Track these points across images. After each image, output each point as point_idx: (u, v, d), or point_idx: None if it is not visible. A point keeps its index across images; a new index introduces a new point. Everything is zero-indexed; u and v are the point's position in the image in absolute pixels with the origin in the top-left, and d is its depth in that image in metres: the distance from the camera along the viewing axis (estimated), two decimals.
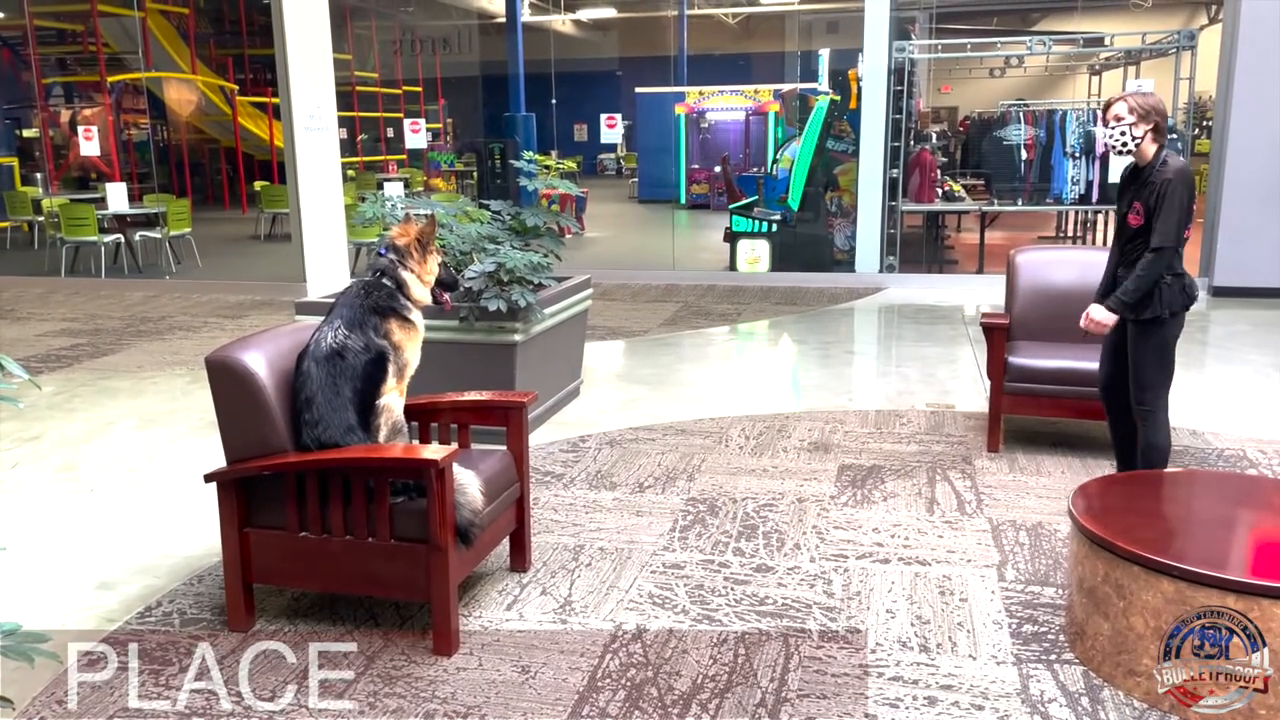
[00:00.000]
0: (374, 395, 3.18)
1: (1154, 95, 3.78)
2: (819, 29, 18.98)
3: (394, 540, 3.01)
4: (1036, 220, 13.09)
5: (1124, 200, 3.83)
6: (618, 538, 3.90)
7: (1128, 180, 3.84)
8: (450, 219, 5.44)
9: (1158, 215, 3.61)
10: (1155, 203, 3.62)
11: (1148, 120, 3.65)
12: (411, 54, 19.52)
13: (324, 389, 3.09)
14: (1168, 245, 3.60)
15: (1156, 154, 3.69)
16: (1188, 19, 16.15)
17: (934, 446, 4.92)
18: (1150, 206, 3.64)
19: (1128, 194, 3.81)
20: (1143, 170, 3.73)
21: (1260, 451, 4.75)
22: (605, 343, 7.56)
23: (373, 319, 3.21)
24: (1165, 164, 3.66)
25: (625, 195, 19.66)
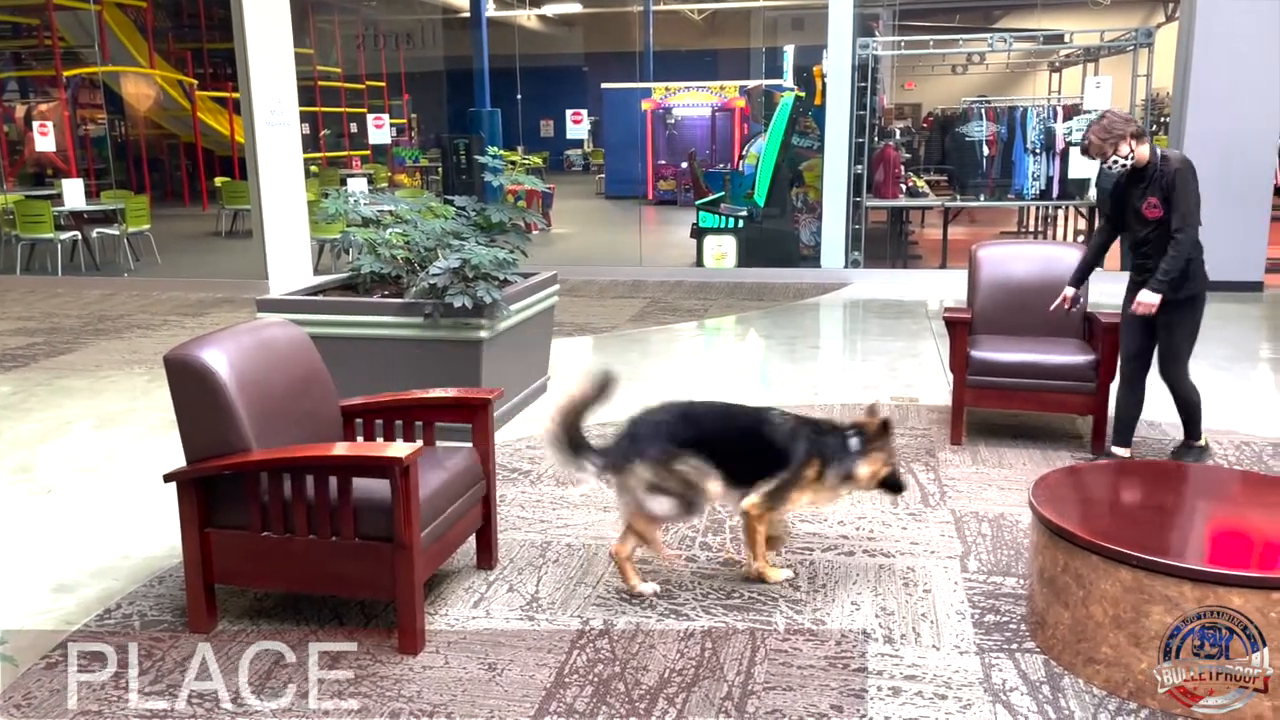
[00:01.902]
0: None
1: (1104, 117, 4.22)
2: (784, 25, 19.07)
3: (358, 539, 2.99)
4: (999, 215, 13.24)
5: (1133, 196, 4.26)
6: (585, 534, 3.90)
7: (1130, 180, 4.26)
8: (414, 215, 5.41)
9: (1175, 202, 4.08)
10: (1172, 192, 4.08)
11: (1119, 140, 4.13)
12: (375, 48, 19.35)
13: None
14: (1190, 226, 4.10)
15: (1151, 152, 4.17)
16: (1145, 17, 16.41)
17: (898, 440, 4.95)
18: (1166, 197, 4.11)
19: (1135, 192, 4.24)
20: (1145, 169, 4.18)
21: (1216, 443, 4.83)
22: (573, 339, 7.55)
23: (805, 445, 3.34)
24: (1167, 159, 4.16)
25: (592, 191, 19.63)
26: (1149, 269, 4.27)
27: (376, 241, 5.32)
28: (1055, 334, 4.88)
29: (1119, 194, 4.40)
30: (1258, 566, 2.79)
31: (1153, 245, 4.25)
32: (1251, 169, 8.56)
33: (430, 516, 3.08)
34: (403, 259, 5.35)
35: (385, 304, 5.07)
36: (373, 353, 4.95)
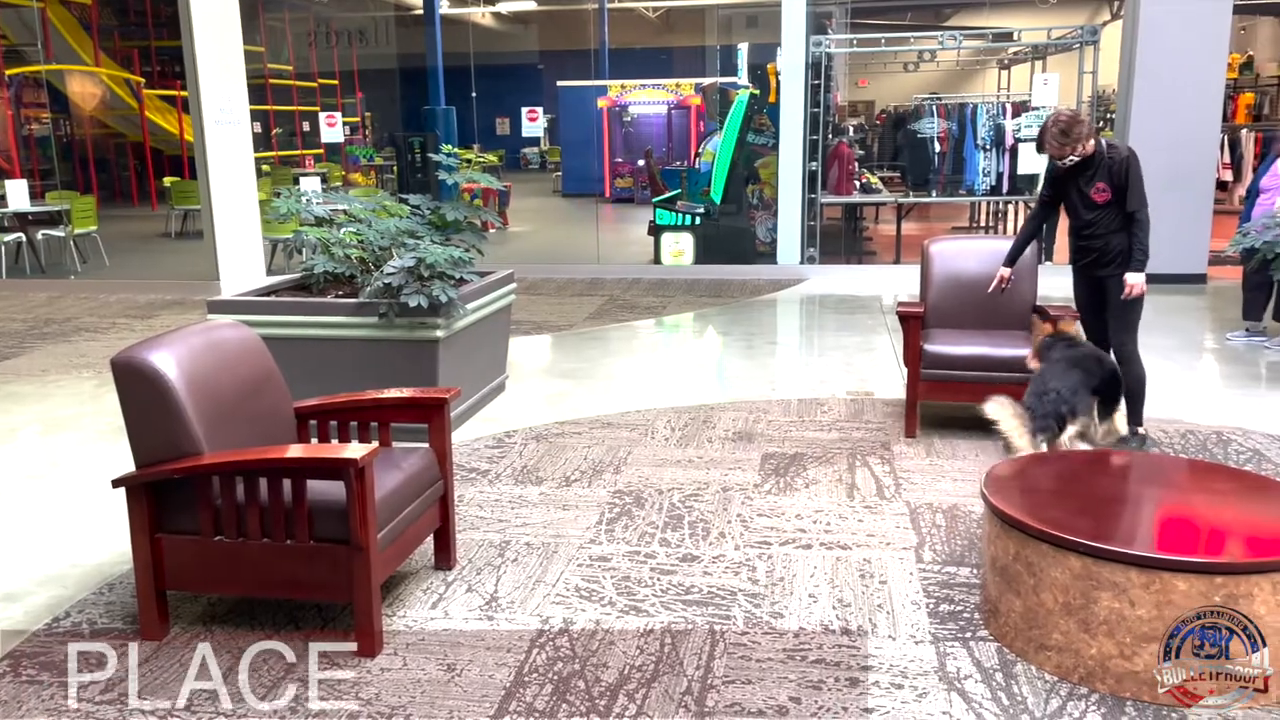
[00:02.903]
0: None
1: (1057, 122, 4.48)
2: (739, 23, 19.14)
3: (313, 542, 2.96)
4: (950, 211, 13.41)
5: (1076, 184, 4.56)
6: (544, 532, 3.89)
7: (1076, 169, 4.54)
8: (368, 214, 5.36)
9: (1129, 188, 4.42)
10: (1122, 180, 4.43)
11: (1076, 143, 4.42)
12: (327, 46, 19.12)
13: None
14: (1143, 207, 4.46)
15: (1097, 145, 4.48)
16: (1091, 15, 16.69)
17: (854, 433, 5.02)
18: (1116, 183, 4.45)
19: (1081, 178, 4.54)
20: (1092, 158, 4.48)
21: (1162, 432, 4.95)
22: (531, 337, 7.53)
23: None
24: (1115, 148, 4.51)
25: (549, 189, 19.58)
26: (1094, 249, 4.60)
27: (330, 241, 5.27)
28: (1006, 327, 4.96)
29: (1058, 180, 4.67)
30: (1202, 553, 2.86)
31: (1099, 227, 4.55)
32: (1194, 163, 8.76)
33: (387, 518, 3.06)
34: (357, 258, 5.30)
35: (339, 304, 5.02)
36: (327, 353, 4.90)
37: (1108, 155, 4.48)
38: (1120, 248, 4.53)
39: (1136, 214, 4.46)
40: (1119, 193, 4.47)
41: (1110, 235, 4.55)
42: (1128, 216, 4.48)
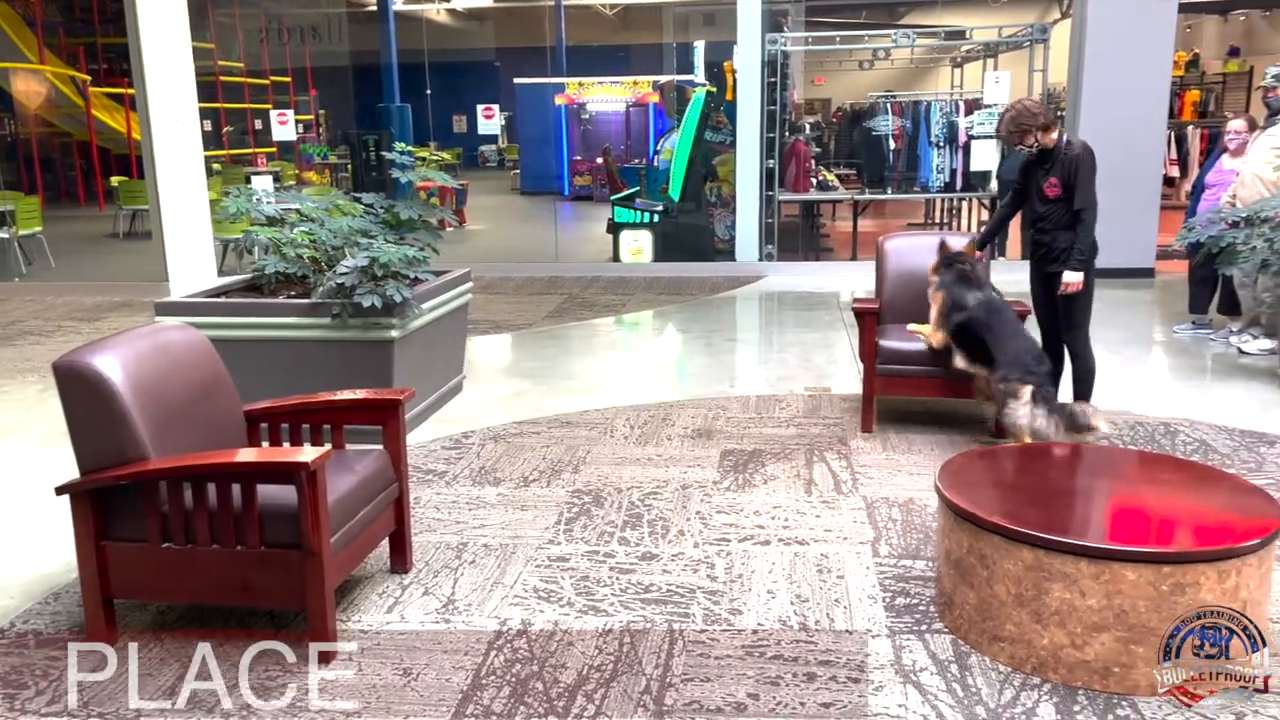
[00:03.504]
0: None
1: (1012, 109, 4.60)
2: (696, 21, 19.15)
3: (265, 547, 2.91)
4: (906, 208, 13.55)
5: (1036, 175, 4.65)
6: (502, 533, 3.86)
7: (1036, 161, 4.65)
8: (321, 213, 5.29)
9: (1076, 186, 4.48)
10: (1071, 176, 4.49)
11: (1025, 132, 4.53)
12: (279, 43, 18.85)
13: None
14: (1089, 206, 4.53)
15: (1059, 139, 4.56)
16: (1042, 14, 16.94)
17: (812, 429, 5.04)
18: (1066, 180, 4.51)
19: (1039, 171, 4.63)
20: (1051, 152, 4.56)
21: (1112, 423, 5.02)
22: (489, 337, 7.48)
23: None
24: (1070, 144, 4.57)
25: (507, 187, 19.47)
26: (1043, 244, 4.72)
27: (281, 241, 5.19)
28: None
29: (1027, 171, 4.78)
30: (1150, 543, 2.91)
31: (1049, 222, 4.65)
32: (1142, 160, 8.92)
33: (340, 521, 3.02)
34: (309, 258, 5.23)
35: (291, 305, 4.94)
36: (279, 355, 4.83)
37: (1064, 151, 4.55)
38: (1066, 244, 4.60)
39: (1081, 213, 4.53)
40: (1068, 189, 4.53)
41: (1058, 231, 4.62)
42: (1075, 213, 4.55)
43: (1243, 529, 2.79)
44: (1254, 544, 2.69)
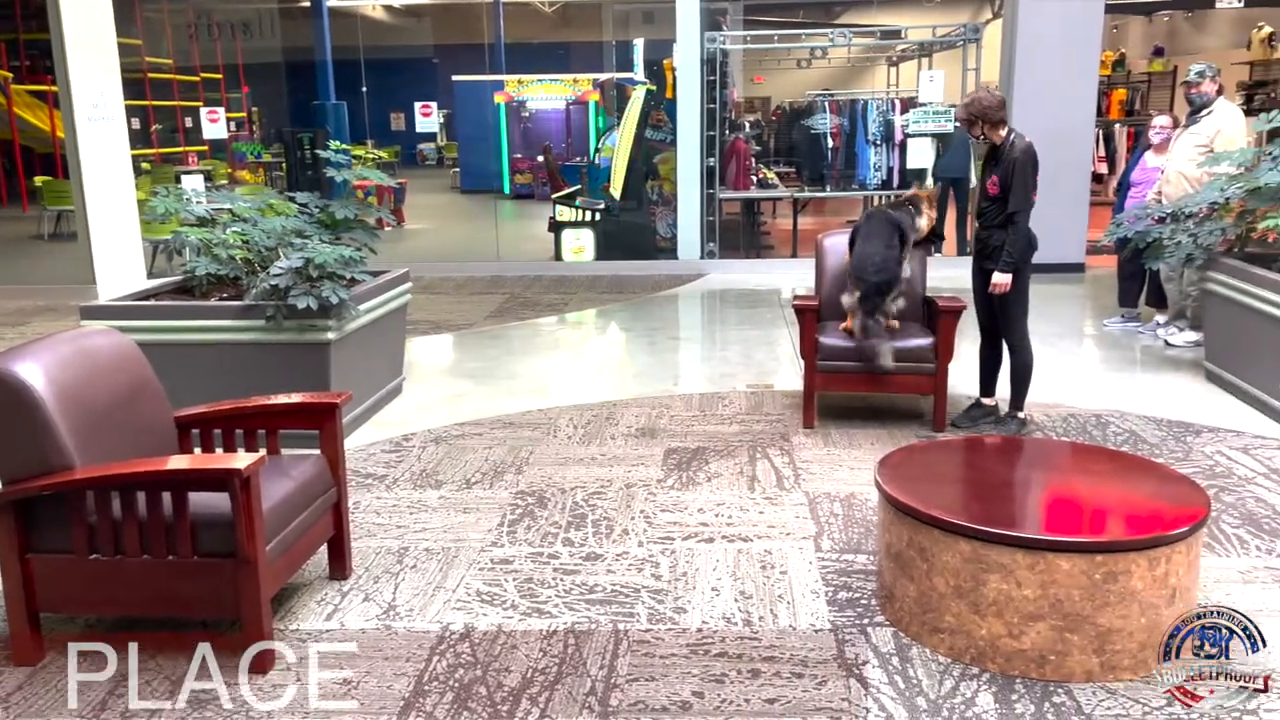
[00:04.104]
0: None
1: (974, 96, 4.68)
2: (635, 19, 19.15)
3: (197, 557, 2.83)
4: (844, 205, 13.70)
5: (986, 171, 4.73)
6: (444, 537, 3.82)
7: (989, 156, 4.73)
8: (254, 213, 5.18)
9: (1012, 187, 4.53)
10: (1009, 176, 4.53)
11: (973, 122, 4.62)
12: (209, 39, 18.41)
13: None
14: (1022, 209, 4.56)
15: (1006, 136, 4.63)
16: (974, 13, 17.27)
17: (754, 426, 5.07)
18: (1004, 179, 4.56)
19: (989, 167, 4.70)
20: (999, 149, 4.64)
21: (1046, 416, 5.14)
22: (429, 337, 7.39)
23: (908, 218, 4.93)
24: (1013, 145, 4.60)
25: (447, 185, 19.27)
26: (980, 240, 4.81)
27: (213, 242, 5.06)
28: (899, 318, 5.07)
29: (983, 166, 4.87)
30: (1083, 533, 2.98)
31: (988, 218, 4.73)
32: (1072, 157, 9.12)
33: (276, 528, 2.95)
34: (241, 259, 5.11)
35: (223, 307, 4.83)
36: (211, 359, 4.72)
37: (1007, 151, 4.59)
38: (999, 243, 4.65)
39: (1014, 215, 4.57)
40: (1005, 189, 4.59)
41: (994, 229, 4.69)
42: (1011, 214, 4.60)
43: (1172, 517, 2.86)
44: (1182, 531, 2.77)
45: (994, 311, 4.85)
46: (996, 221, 4.67)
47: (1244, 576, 3.37)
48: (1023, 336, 4.82)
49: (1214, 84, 6.43)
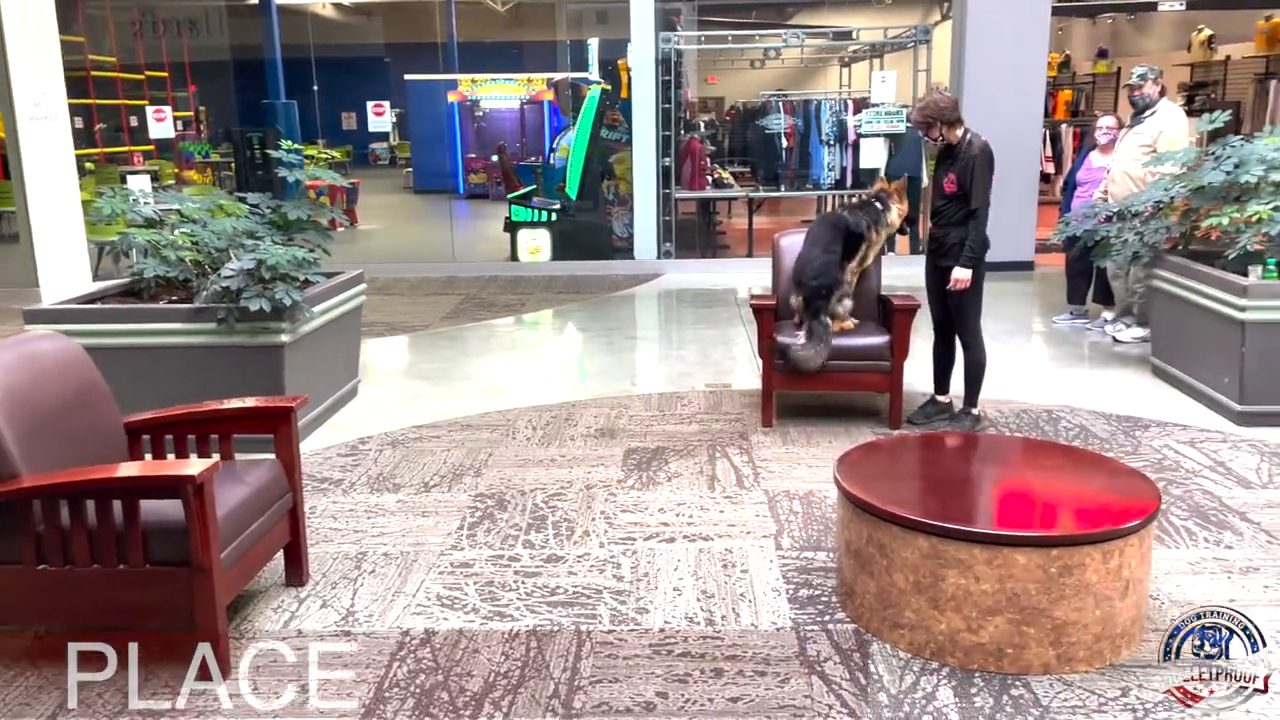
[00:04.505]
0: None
1: (928, 100, 4.72)
2: (589, 19, 19.12)
3: (150, 565, 2.77)
4: (799, 205, 13.80)
5: (940, 170, 4.77)
6: (403, 541, 3.78)
7: (943, 155, 4.78)
8: (203, 214, 5.08)
9: (971, 185, 4.60)
10: (967, 175, 4.61)
11: (931, 124, 4.66)
12: (155, 36, 18.04)
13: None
14: (982, 206, 4.64)
15: (962, 137, 4.68)
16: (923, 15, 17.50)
17: (713, 425, 5.08)
18: (963, 178, 4.63)
19: (943, 166, 4.75)
20: (955, 148, 4.69)
21: (999, 412, 5.22)
22: (384, 339, 7.31)
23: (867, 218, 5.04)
24: (971, 144, 4.67)
25: (400, 185, 19.08)
26: (936, 238, 4.84)
27: (161, 243, 4.96)
28: (855, 317, 5.12)
29: (935, 165, 4.91)
30: (1038, 527, 3.03)
31: (944, 216, 4.80)
32: (1021, 157, 9.28)
33: (231, 535, 2.90)
34: (191, 261, 5.01)
35: (173, 310, 4.74)
36: (162, 363, 4.62)
37: (964, 150, 4.66)
38: (956, 241, 4.73)
39: (975, 212, 4.64)
40: (963, 187, 4.66)
41: (951, 227, 4.75)
42: (969, 212, 4.67)
43: (1124, 511, 2.92)
44: (1135, 525, 2.82)
45: (949, 309, 4.91)
46: (954, 219, 4.73)
47: (1193, 568, 3.45)
48: (977, 334, 4.89)
49: (1156, 86, 6.57)
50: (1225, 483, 4.21)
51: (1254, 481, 4.22)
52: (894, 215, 5.12)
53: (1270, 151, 5.09)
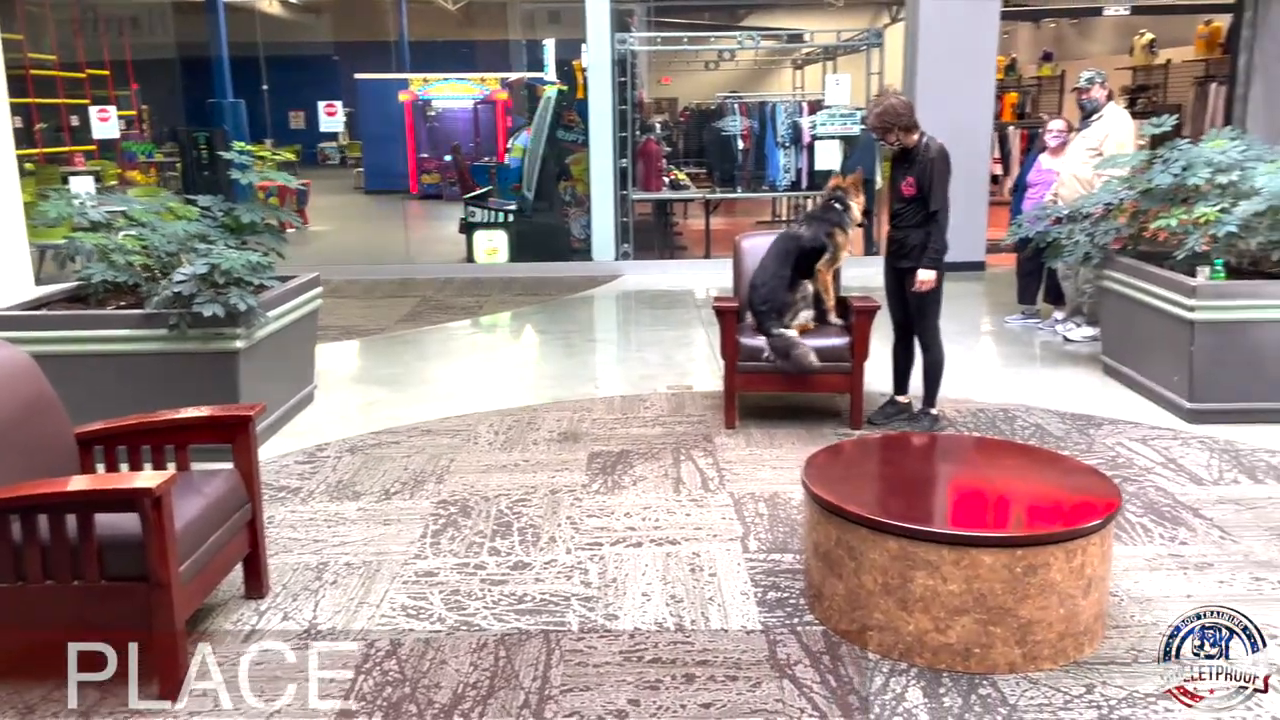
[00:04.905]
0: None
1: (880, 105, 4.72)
2: (541, 18, 19.03)
3: (106, 580, 2.69)
4: (754, 206, 13.86)
5: (898, 173, 4.80)
6: (365, 550, 3.72)
7: (899, 158, 4.81)
8: (152, 217, 4.96)
9: (931, 188, 4.66)
10: (927, 178, 4.65)
11: (888, 129, 4.66)
12: (96, 34, 17.61)
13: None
14: (943, 208, 4.72)
15: (919, 140, 4.71)
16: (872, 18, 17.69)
17: (677, 427, 5.08)
18: (922, 180, 4.67)
19: (900, 169, 4.78)
20: (911, 151, 4.73)
21: (956, 411, 5.29)
22: (339, 344, 7.20)
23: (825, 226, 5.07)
24: (928, 148, 4.72)
25: (350, 186, 18.82)
26: (896, 240, 4.88)
27: (109, 247, 4.83)
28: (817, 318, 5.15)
29: (891, 169, 4.97)
30: (1004, 528, 3.06)
31: (903, 219, 4.83)
32: (972, 158, 9.37)
33: (190, 549, 2.83)
34: (141, 265, 4.89)
35: (123, 316, 4.61)
36: (112, 371, 4.51)
37: (922, 153, 4.71)
38: (917, 243, 4.78)
39: (936, 214, 4.71)
40: (922, 190, 4.71)
41: (910, 229, 4.80)
42: (929, 214, 4.72)
43: (1086, 509, 2.96)
44: (1097, 524, 2.87)
45: (908, 310, 4.96)
46: (913, 222, 4.78)
47: (1150, 564, 3.52)
48: (936, 335, 4.95)
49: (1103, 90, 6.71)
50: (1178, 479, 4.30)
51: (1205, 478, 4.31)
52: (855, 211, 5.18)
53: (1216, 154, 5.22)
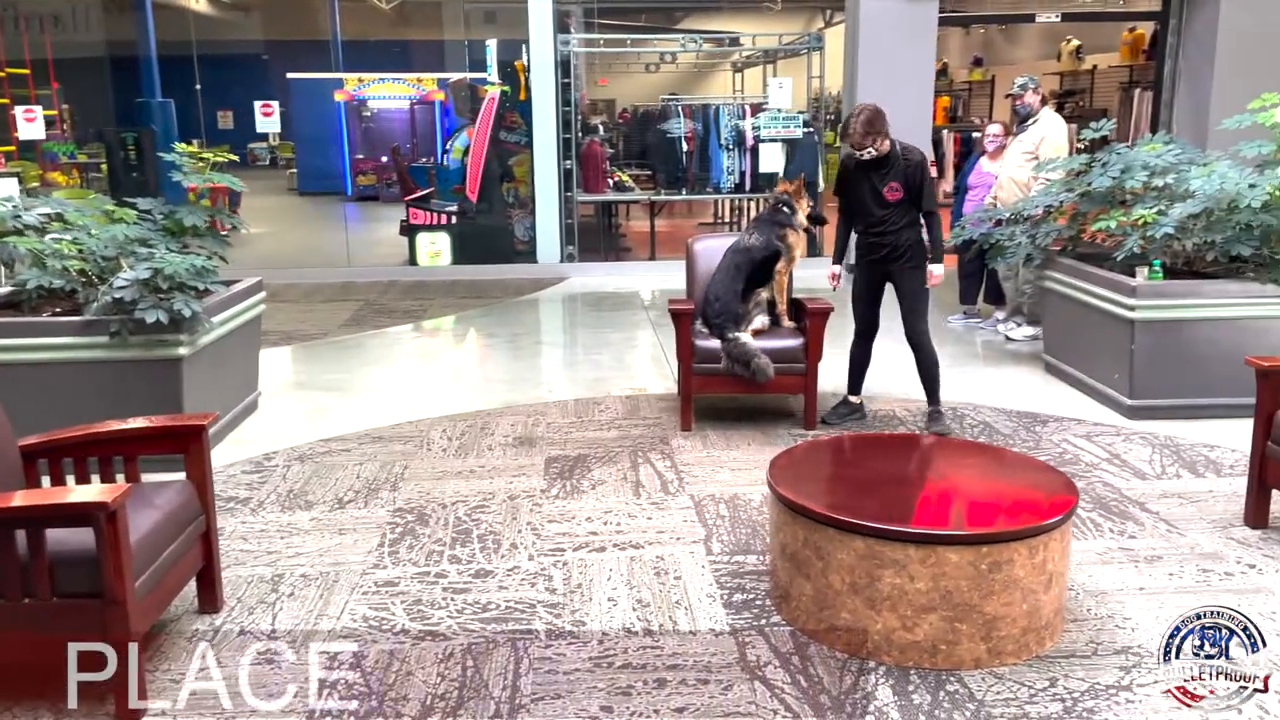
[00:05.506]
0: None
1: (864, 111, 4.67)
2: (477, 18, 18.86)
3: (57, 599, 2.58)
4: (698, 208, 13.92)
5: (872, 181, 4.79)
6: (321, 561, 3.63)
7: (867, 166, 4.76)
8: (87, 220, 4.79)
9: (921, 189, 4.75)
10: (916, 182, 4.74)
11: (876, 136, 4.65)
12: (15, 31, 16.98)
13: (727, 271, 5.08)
14: (935, 207, 4.86)
15: (892, 147, 4.73)
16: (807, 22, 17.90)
17: (633, 430, 5.07)
18: (909, 183, 4.74)
19: (874, 176, 4.77)
20: (887, 158, 4.74)
21: (906, 410, 5.37)
22: (280, 349, 7.04)
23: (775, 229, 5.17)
24: (910, 151, 4.78)
25: (283, 187, 18.44)
26: (885, 245, 4.88)
27: (44, 251, 4.65)
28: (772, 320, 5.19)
29: (847, 180, 4.92)
30: (970, 525, 3.11)
31: (890, 224, 4.84)
32: None
33: (145, 563, 2.73)
34: (77, 270, 4.71)
35: (60, 323, 4.45)
36: (50, 380, 4.34)
37: (903, 158, 4.76)
38: (909, 243, 4.84)
39: (933, 213, 4.83)
40: (910, 193, 4.77)
41: (900, 231, 4.84)
42: (917, 215, 4.82)
43: (1047, 506, 3.02)
44: (1058, 520, 2.93)
45: (877, 315, 5.09)
46: (901, 224, 4.83)
47: (1101, 558, 3.61)
48: (928, 333, 5.02)
49: (1037, 95, 6.87)
50: (1123, 474, 4.42)
51: (1148, 473, 4.44)
52: (800, 214, 5.25)
53: (1152, 158, 5.38)
